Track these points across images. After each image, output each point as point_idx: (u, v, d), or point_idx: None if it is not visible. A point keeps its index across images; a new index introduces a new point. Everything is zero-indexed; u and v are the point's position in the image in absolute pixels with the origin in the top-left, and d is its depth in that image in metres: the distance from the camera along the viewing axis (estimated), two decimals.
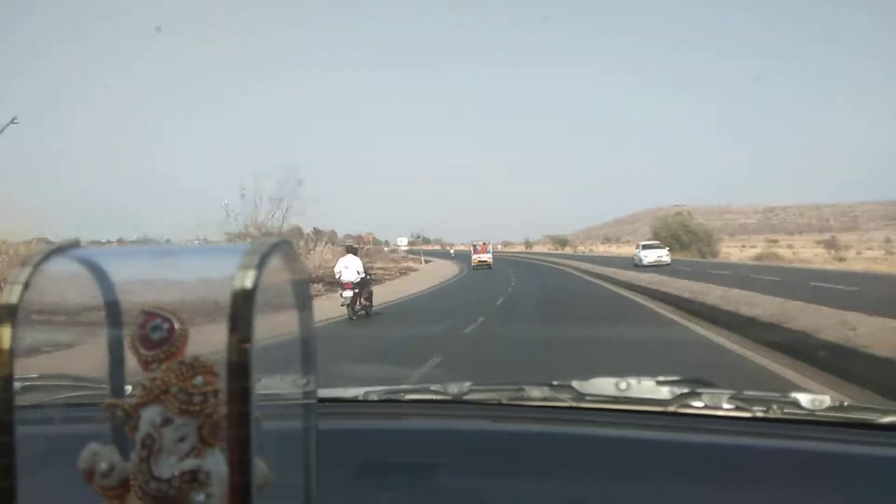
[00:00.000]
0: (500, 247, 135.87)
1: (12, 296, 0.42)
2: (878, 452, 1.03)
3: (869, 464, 1.00)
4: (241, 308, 0.39)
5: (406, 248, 65.16)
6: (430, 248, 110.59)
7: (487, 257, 45.35)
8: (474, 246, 49.09)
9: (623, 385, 1.22)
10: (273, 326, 0.45)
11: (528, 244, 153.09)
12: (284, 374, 0.50)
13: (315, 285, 20.76)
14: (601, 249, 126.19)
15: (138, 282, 0.50)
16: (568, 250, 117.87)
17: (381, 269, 34.13)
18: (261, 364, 0.40)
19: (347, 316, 13.05)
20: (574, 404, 1.21)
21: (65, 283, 0.46)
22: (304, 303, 0.47)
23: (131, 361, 0.47)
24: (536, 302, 16.58)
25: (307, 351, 0.48)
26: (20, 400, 0.43)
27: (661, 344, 8.63)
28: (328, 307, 13.78)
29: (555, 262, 48.66)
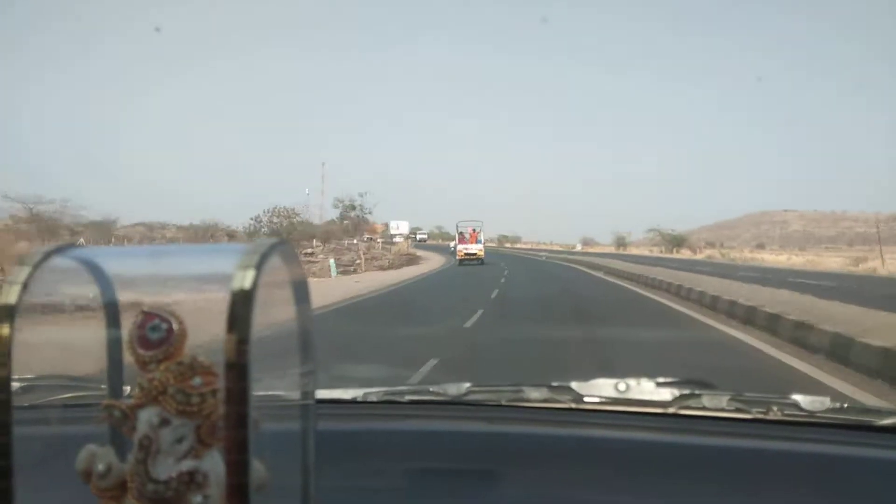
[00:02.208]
0: (578, 246, 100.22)
1: (11, 296, 0.42)
2: (878, 454, 1.03)
3: (868, 466, 1.00)
4: (240, 308, 0.39)
5: (399, 238, 59.08)
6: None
7: (478, 249, 36.58)
8: (461, 233, 38.39)
9: (622, 386, 1.21)
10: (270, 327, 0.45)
11: (621, 243, 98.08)
12: (283, 374, 0.50)
13: None
14: (748, 255, 67.66)
15: (137, 281, 0.50)
16: (685, 254, 70.60)
17: None
18: (259, 364, 0.39)
19: None
20: (573, 406, 1.20)
21: (64, 283, 0.46)
22: (302, 304, 0.47)
23: (130, 362, 0.47)
24: None
25: (306, 353, 0.48)
26: (18, 400, 0.43)
27: None
28: None
29: None
